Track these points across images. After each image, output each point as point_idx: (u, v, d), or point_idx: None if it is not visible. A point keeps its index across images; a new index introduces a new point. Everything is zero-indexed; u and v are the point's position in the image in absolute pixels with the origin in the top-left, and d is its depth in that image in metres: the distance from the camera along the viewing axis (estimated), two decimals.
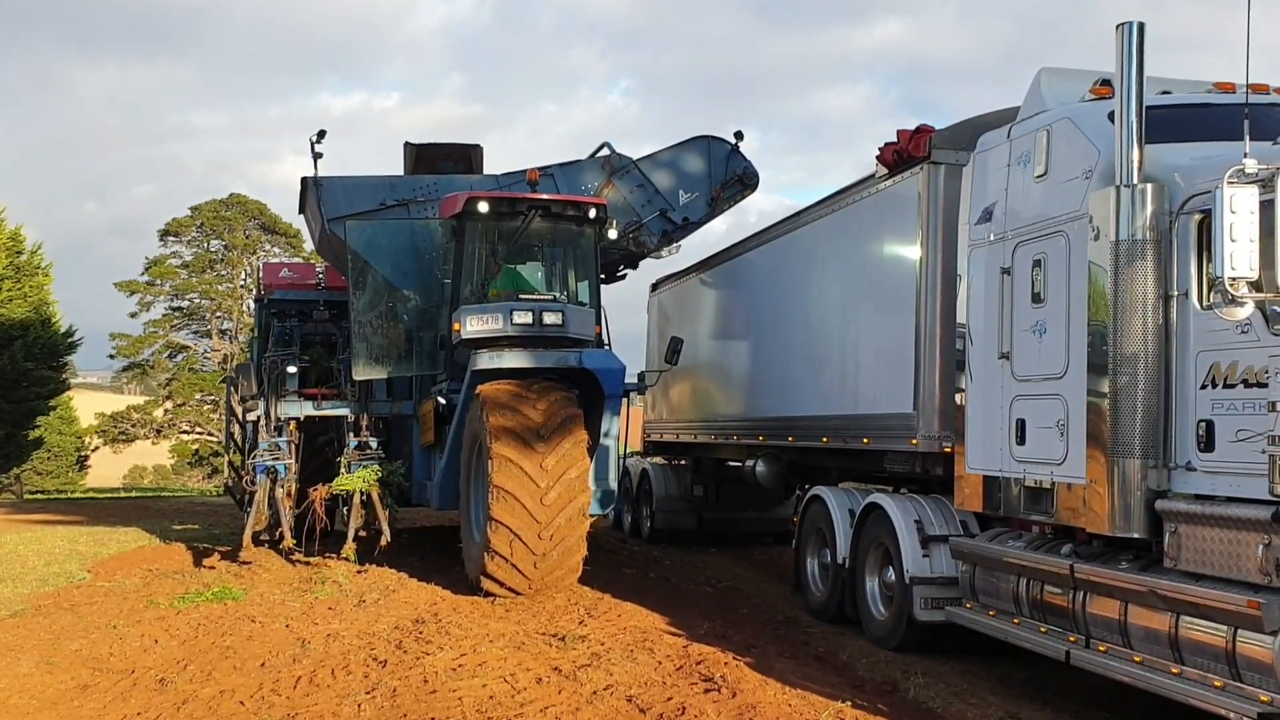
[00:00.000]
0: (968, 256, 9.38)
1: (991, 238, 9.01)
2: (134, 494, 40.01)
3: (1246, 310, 6.29)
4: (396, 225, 14.95)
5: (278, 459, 14.45)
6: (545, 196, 14.10)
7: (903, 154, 10.55)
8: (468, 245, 13.68)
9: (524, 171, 14.89)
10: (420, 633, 9.94)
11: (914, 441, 10.13)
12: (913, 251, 10.31)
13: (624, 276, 17.53)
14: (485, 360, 12.63)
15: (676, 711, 7.41)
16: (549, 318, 12.84)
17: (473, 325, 12.87)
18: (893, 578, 10.02)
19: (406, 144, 16.58)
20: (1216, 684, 6.51)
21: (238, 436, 17.49)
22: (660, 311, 19.52)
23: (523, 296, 13.26)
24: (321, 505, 14.02)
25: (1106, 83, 8.21)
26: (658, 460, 18.75)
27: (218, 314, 51.95)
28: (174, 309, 51.98)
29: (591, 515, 12.45)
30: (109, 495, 37.80)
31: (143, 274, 51.36)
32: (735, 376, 15.56)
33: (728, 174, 16.70)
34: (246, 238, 51.57)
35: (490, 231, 13.88)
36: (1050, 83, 8.98)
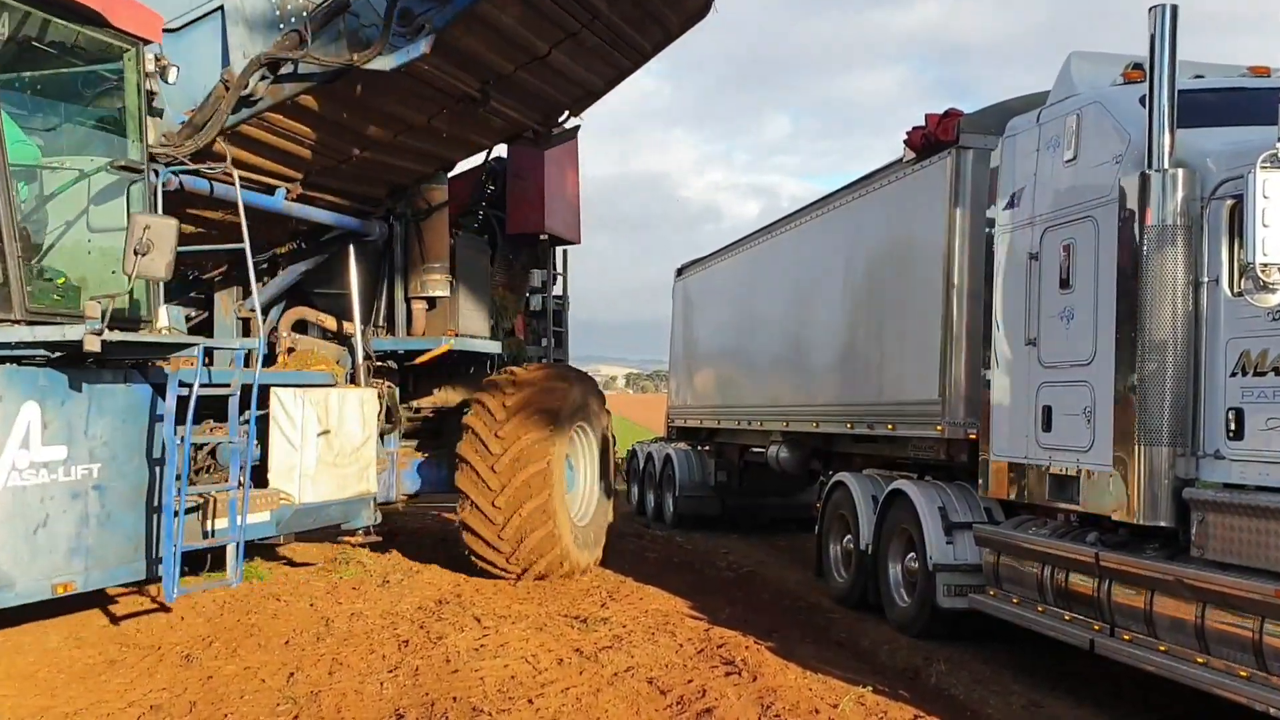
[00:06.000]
0: (995, 241, 9.32)
1: (1019, 223, 8.93)
2: None
3: (1278, 297, 6.24)
4: None
5: None
6: None
7: (930, 138, 10.47)
8: None
9: None
10: (442, 613, 9.99)
11: (939, 428, 10.08)
12: (940, 236, 10.24)
13: (553, 131, 11.05)
14: None
15: (697, 694, 7.42)
16: None
17: None
18: (916, 564, 9.98)
19: None
20: (1243, 674, 6.45)
21: None
22: (685, 297, 19.47)
23: None
24: None
25: (1138, 66, 8.12)
26: (681, 446, 18.74)
27: None
28: None
29: None
30: None
31: None
32: (760, 362, 15.51)
33: None
34: None
35: None
36: (1080, 67, 8.88)
